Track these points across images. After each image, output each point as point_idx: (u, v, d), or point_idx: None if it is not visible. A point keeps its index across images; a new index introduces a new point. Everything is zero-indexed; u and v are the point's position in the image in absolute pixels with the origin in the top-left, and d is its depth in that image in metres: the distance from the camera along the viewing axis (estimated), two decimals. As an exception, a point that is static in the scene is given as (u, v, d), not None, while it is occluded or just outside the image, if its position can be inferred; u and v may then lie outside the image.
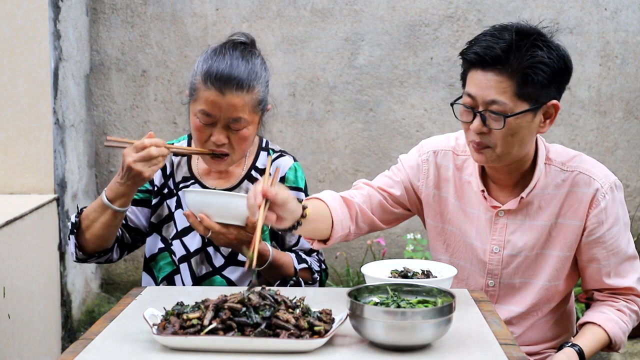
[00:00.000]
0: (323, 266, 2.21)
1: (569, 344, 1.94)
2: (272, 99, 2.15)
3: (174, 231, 2.14)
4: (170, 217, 2.15)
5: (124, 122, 3.99)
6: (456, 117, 1.92)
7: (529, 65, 1.79)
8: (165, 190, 2.17)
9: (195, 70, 2.04)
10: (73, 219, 2.06)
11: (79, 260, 2.10)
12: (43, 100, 3.30)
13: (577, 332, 2.05)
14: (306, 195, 2.19)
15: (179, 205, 2.14)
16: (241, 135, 2.02)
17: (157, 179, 2.17)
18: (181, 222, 2.13)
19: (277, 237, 2.17)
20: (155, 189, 2.17)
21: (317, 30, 3.91)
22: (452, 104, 1.92)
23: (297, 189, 2.17)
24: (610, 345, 1.98)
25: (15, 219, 2.92)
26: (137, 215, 2.17)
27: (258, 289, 1.55)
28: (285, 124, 3.96)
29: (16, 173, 3.30)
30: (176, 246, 2.13)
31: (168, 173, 2.18)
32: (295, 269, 2.09)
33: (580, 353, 1.91)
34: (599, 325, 1.96)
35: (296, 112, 3.96)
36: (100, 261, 2.14)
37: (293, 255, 2.13)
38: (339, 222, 1.93)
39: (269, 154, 2.19)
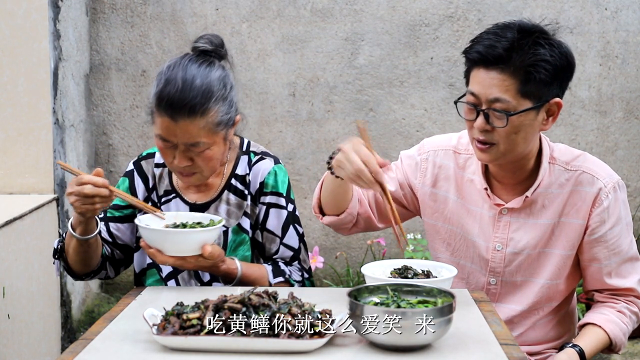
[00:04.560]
0: (306, 275, 2.12)
1: (570, 345, 1.94)
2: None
3: None
4: None
5: (123, 122, 3.99)
6: (459, 114, 1.92)
7: (531, 63, 1.80)
8: (149, 204, 2.09)
9: (152, 90, 1.94)
10: (55, 244, 2.04)
11: (76, 279, 2.09)
12: (43, 100, 3.30)
13: (577, 333, 2.05)
14: (288, 200, 2.10)
15: None
16: (204, 157, 1.94)
17: (140, 193, 2.11)
18: None
19: (258, 246, 2.10)
20: None
21: (317, 30, 3.91)
22: (455, 102, 1.92)
23: (277, 194, 2.08)
24: (610, 347, 1.98)
25: (15, 219, 2.91)
26: (123, 232, 2.12)
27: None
28: (285, 124, 3.95)
29: (16, 173, 3.30)
30: None
31: (151, 186, 2.12)
32: (269, 283, 2.02)
33: (582, 354, 1.91)
34: (600, 327, 1.96)
35: (296, 112, 3.96)
36: (99, 277, 2.13)
37: (270, 268, 2.06)
38: (356, 200, 2.03)
39: (249, 157, 2.12)
